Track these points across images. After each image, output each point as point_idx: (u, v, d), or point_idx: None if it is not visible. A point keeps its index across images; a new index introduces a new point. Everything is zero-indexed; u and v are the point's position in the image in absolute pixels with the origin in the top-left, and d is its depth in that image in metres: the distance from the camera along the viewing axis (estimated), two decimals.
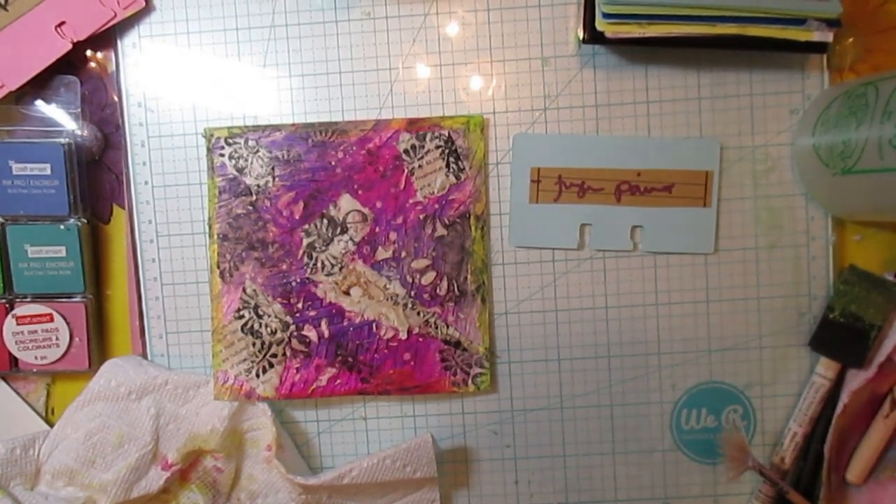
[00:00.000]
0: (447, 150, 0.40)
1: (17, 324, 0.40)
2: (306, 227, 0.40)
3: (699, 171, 0.39)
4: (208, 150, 0.40)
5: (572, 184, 0.39)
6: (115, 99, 0.41)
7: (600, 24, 0.36)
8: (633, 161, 0.39)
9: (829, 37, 0.35)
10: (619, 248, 0.40)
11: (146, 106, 0.41)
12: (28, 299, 0.41)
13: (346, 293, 0.40)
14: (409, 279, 0.40)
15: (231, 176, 0.40)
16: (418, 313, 0.40)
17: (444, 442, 0.42)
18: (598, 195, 0.39)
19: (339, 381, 0.40)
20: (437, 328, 0.40)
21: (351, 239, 0.40)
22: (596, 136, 0.40)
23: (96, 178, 0.42)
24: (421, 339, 0.40)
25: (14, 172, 0.39)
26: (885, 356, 0.37)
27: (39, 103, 0.40)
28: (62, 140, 0.39)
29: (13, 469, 0.39)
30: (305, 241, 0.40)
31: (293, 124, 0.40)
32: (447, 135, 0.40)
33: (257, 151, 0.40)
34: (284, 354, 0.40)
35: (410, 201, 0.40)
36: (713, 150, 0.39)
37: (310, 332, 0.40)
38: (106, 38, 0.40)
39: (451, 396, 0.41)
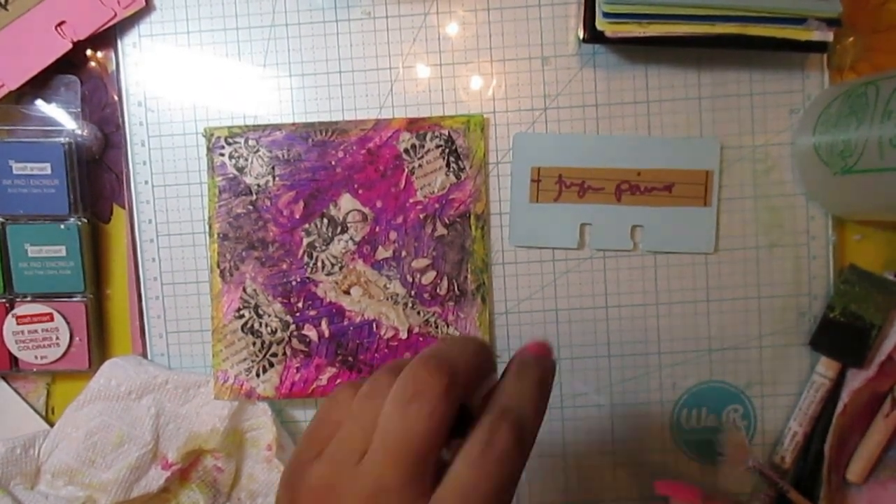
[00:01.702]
0: (447, 150, 0.40)
1: (17, 323, 0.40)
2: (306, 226, 0.40)
3: (699, 171, 0.39)
4: (208, 149, 0.40)
5: (572, 183, 0.39)
6: (116, 98, 0.41)
7: (600, 24, 0.36)
8: (634, 160, 0.39)
9: (829, 36, 0.35)
10: (619, 247, 0.40)
11: (146, 105, 0.41)
12: (28, 299, 0.41)
13: (347, 293, 0.40)
14: (410, 279, 0.40)
15: (231, 175, 0.40)
16: (418, 313, 0.40)
17: None
18: (599, 195, 0.39)
19: (339, 381, 0.40)
20: (437, 328, 0.40)
21: (351, 238, 0.40)
22: (596, 136, 0.40)
23: (96, 177, 0.42)
24: (421, 339, 0.40)
25: (14, 172, 0.39)
26: (885, 355, 0.37)
27: (39, 103, 0.40)
28: (62, 139, 0.39)
29: (13, 468, 0.39)
30: (305, 241, 0.40)
31: (293, 124, 0.40)
32: (447, 134, 0.40)
33: (257, 151, 0.40)
34: (285, 354, 0.40)
35: (410, 201, 0.40)
36: (713, 150, 0.39)
37: (310, 332, 0.40)
38: (106, 37, 0.40)
39: None
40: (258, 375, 0.40)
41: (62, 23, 0.39)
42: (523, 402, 0.24)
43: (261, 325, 0.40)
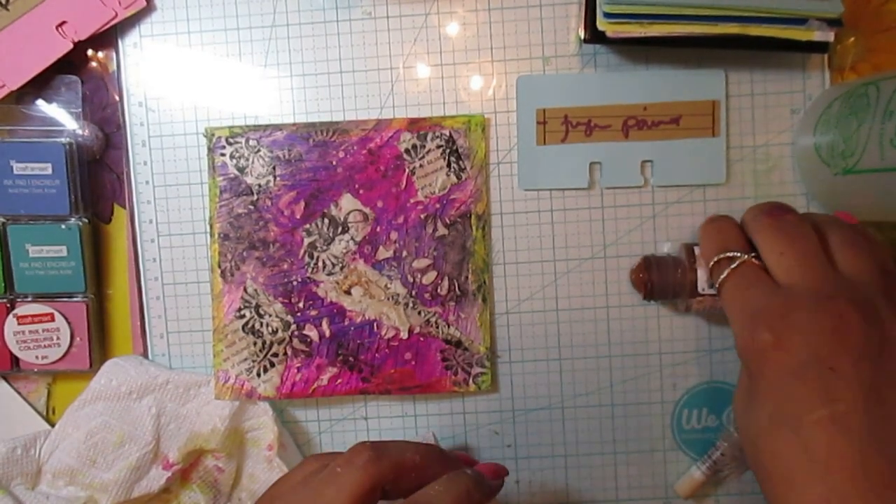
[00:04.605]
0: (448, 150, 0.40)
1: (18, 323, 0.40)
2: (307, 226, 0.40)
3: (706, 101, 0.39)
4: (209, 149, 0.40)
5: (579, 123, 0.39)
6: (116, 98, 0.41)
7: (601, 24, 0.36)
8: (639, 96, 0.39)
9: (830, 36, 0.35)
10: (629, 184, 0.40)
11: (147, 106, 0.41)
12: (29, 299, 0.41)
13: (347, 293, 0.40)
14: (410, 279, 0.40)
15: (232, 175, 0.40)
16: (419, 313, 0.40)
17: (446, 441, 0.42)
18: (606, 132, 0.39)
19: (339, 381, 0.40)
20: (437, 328, 0.40)
21: (352, 238, 0.40)
22: (599, 75, 0.40)
23: (97, 177, 0.42)
24: (422, 339, 0.40)
25: (15, 172, 0.39)
26: None
27: (40, 103, 0.40)
28: (63, 140, 0.39)
29: (14, 468, 0.39)
30: (306, 241, 0.40)
31: (294, 124, 0.40)
32: (448, 134, 0.40)
33: (258, 151, 0.40)
34: (285, 354, 0.40)
35: (411, 201, 0.40)
36: (718, 79, 0.39)
37: (311, 332, 0.40)
38: (107, 37, 0.40)
39: (452, 396, 0.41)
40: (259, 375, 0.40)
41: (63, 23, 0.39)
42: (437, 502, 0.27)
43: (262, 325, 0.40)
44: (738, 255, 0.33)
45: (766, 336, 0.29)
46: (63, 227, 0.40)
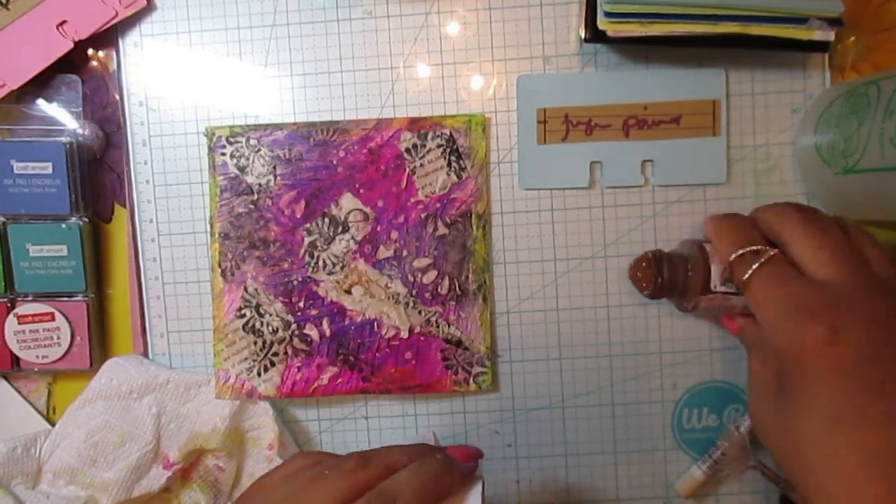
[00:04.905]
0: (448, 149, 0.40)
1: (19, 323, 0.40)
2: (308, 225, 0.40)
3: (706, 101, 0.39)
4: (210, 149, 0.40)
5: (579, 122, 0.39)
6: (117, 98, 0.41)
7: (602, 23, 0.36)
8: (639, 95, 0.39)
9: (830, 36, 0.35)
10: (630, 183, 0.40)
11: (147, 105, 0.41)
12: (29, 298, 0.41)
13: (348, 292, 0.40)
14: (411, 278, 0.40)
15: (232, 175, 0.40)
16: (419, 312, 0.40)
17: (446, 441, 0.42)
18: (606, 132, 0.39)
19: (340, 380, 0.40)
20: (438, 327, 0.40)
21: (352, 238, 0.40)
22: (600, 74, 0.40)
23: (98, 177, 0.42)
24: (422, 338, 0.40)
25: (15, 171, 0.39)
26: None
27: (41, 102, 0.40)
28: (63, 139, 0.39)
29: (14, 468, 0.39)
30: (307, 240, 0.40)
31: (294, 123, 0.40)
32: (448, 134, 0.40)
33: (259, 150, 0.40)
34: (286, 353, 0.40)
35: (412, 200, 0.40)
36: (719, 79, 0.39)
37: (311, 331, 0.40)
38: (107, 37, 0.40)
39: (452, 395, 0.41)
40: (259, 375, 0.40)
41: (63, 22, 0.39)
42: (404, 489, 0.27)
43: (262, 324, 0.40)
44: (766, 249, 0.32)
45: (820, 330, 0.28)
46: (63, 226, 0.40)
